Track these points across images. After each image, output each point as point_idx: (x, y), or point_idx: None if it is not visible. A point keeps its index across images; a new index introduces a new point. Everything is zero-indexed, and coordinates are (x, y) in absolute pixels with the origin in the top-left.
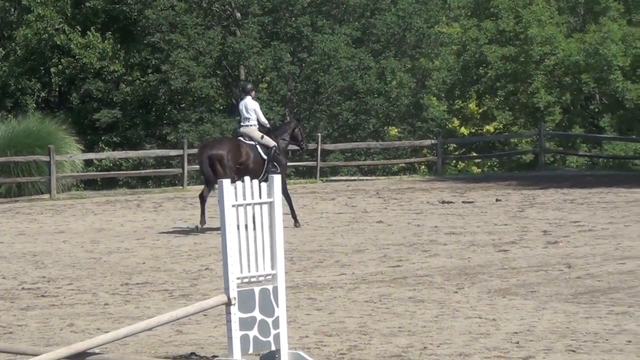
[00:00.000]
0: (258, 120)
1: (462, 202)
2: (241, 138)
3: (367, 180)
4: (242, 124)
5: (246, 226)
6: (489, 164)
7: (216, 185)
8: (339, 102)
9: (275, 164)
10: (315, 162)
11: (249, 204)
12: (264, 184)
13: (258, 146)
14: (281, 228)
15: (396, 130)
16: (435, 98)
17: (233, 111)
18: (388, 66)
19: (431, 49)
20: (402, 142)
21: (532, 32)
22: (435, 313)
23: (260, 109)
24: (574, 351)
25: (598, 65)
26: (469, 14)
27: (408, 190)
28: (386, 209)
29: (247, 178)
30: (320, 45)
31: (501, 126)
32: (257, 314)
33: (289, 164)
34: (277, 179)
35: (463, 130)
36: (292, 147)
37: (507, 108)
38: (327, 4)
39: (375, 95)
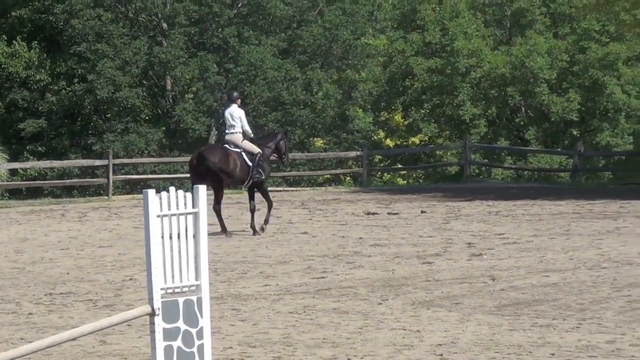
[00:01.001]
0: (242, 128)
1: (387, 213)
2: (227, 146)
3: (292, 191)
4: (227, 131)
5: (170, 236)
6: (414, 175)
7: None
8: (265, 113)
9: (260, 170)
10: None
11: (174, 215)
12: (188, 194)
13: (243, 153)
14: (206, 239)
15: (322, 141)
16: (361, 110)
17: (159, 121)
18: (314, 77)
19: (357, 61)
20: (327, 154)
21: (459, 45)
22: (359, 324)
23: (245, 117)
24: None
25: (524, 78)
26: (395, 26)
27: (333, 202)
28: (311, 220)
29: (172, 188)
30: (247, 56)
31: (427, 138)
32: (181, 324)
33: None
34: (201, 189)
35: (389, 142)
36: (273, 157)
37: (433, 120)
38: (253, 15)
39: (301, 107)
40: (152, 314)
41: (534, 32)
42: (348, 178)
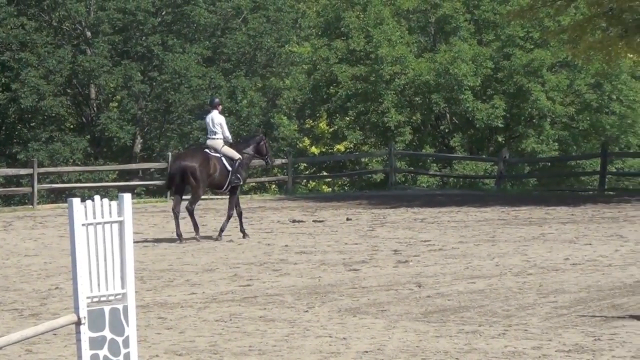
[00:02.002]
0: (223, 134)
1: (313, 221)
2: (207, 150)
3: (217, 199)
4: (208, 136)
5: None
6: (339, 183)
7: (184, 197)
8: (189, 120)
9: (238, 175)
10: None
11: (99, 223)
12: (114, 203)
13: (223, 158)
14: (131, 247)
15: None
16: (285, 117)
17: (84, 130)
18: (239, 85)
19: (282, 68)
20: (252, 161)
21: (383, 52)
22: (285, 332)
23: (227, 123)
24: None
25: (448, 85)
26: (319, 33)
27: (259, 209)
28: (237, 228)
29: (97, 197)
30: (171, 64)
31: (352, 145)
32: (107, 333)
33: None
34: (127, 197)
35: (314, 149)
36: (259, 160)
37: (358, 127)
38: (177, 23)
39: (226, 115)
40: (78, 323)
41: (458, 39)
42: (273, 186)
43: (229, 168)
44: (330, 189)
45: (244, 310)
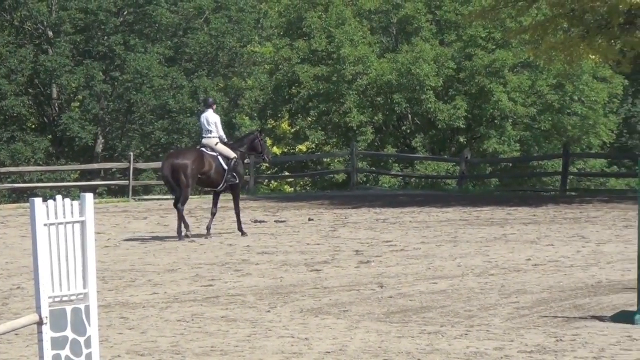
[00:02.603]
0: (218, 133)
1: (275, 221)
2: (203, 149)
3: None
4: (203, 135)
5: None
6: (301, 183)
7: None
8: (151, 121)
9: (235, 174)
10: (127, 181)
11: (61, 223)
12: (75, 203)
13: (220, 157)
14: (93, 247)
15: None
16: (247, 117)
17: (45, 130)
18: (201, 85)
19: (244, 69)
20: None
21: (345, 52)
22: (248, 332)
23: (220, 122)
24: None
25: (410, 85)
26: (281, 33)
27: (221, 210)
28: (199, 228)
29: (58, 197)
30: (133, 64)
31: (314, 146)
32: (69, 333)
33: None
34: (88, 197)
35: (276, 149)
36: (257, 158)
37: (320, 128)
38: (139, 23)
39: (188, 115)
40: (40, 323)
41: (421, 39)
42: None
43: (225, 167)
44: (293, 190)
45: (206, 311)
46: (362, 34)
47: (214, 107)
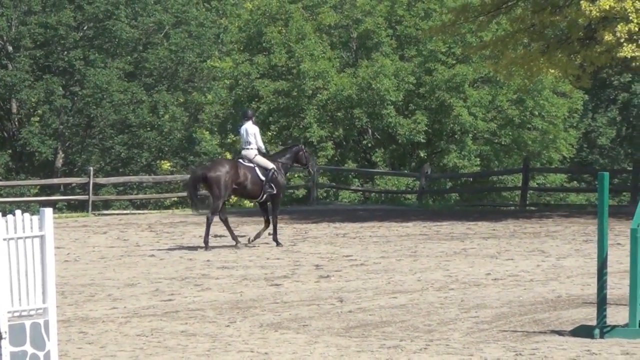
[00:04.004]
0: (257, 144)
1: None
2: (241, 160)
3: (139, 214)
4: (243, 147)
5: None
6: None
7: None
8: (111, 135)
9: (273, 185)
10: (87, 196)
11: (20, 238)
12: (35, 217)
13: (257, 168)
14: (53, 261)
15: (169, 164)
16: (207, 132)
17: (5, 144)
18: (161, 100)
19: (204, 83)
20: (174, 176)
21: (305, 67)
22: (207, 347)
23: (259, 133)
24: None
25: (371, 100)
26: (241, 48)
27: (180, 224)
28: (158, 242)
29: (18, 211)
30: (93, 79)
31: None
32: (28, 347)
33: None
34: (48, 212)
35: None
36: (300, 169)
37: (280, 142)
38: (99, 38)
39: (148, 129)
40: None
41: (381, 54)
42: None
43: (262, 178)
44: (253, 204)
45: (166, 325)
46: (322, 49)
47: (253, 118)
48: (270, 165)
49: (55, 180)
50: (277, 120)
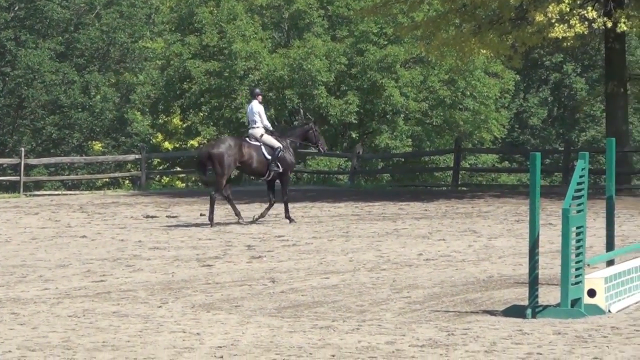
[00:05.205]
0: (262, 123)
1: (167, 216)
2: (247, 139)
3: (71, 195)
4: (250, 126)
5: None
6: (193, 178)
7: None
8: (42, 116)
9: (279, 164)
10: (18, 177)
11: None
12: None
13: (263, 147)
14: None
15: (100, 145)
16: (139, 113)
17: None
18: (92, 80)
19: (135, 64)
20: (106, 157)
21: (236, 48)
22: (139, 328)
23: (264, 112)
24: None
25: (302, 80)
26: (172, 29)
27: (112, 205)
28: (90, 223)
29: None
30: (24, 60)
31: (205, 141)
32: None
33: None
34: None
35: (167, 145)
36: (312, 148)
37: (212, 123)
38: (30, 19)
39: (80, 110)
40: None
41: (312, 34)
42: (127, 181)
43: (268, 157)
44: (184, 185)
45: (98, 306)
46: (254, 29)
47: (259, 97)
48: (276, 144)
49: None
50: (209, 101)
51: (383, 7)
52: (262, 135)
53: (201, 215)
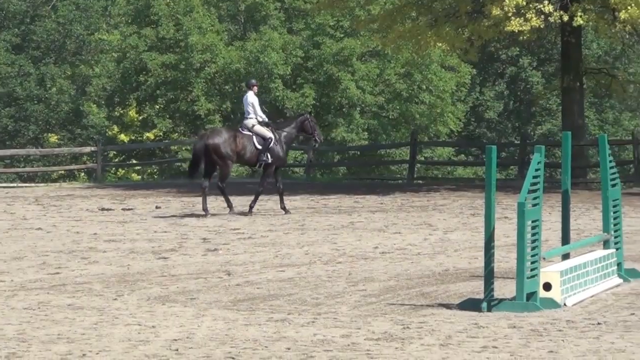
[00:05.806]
0: (255, 114)
1: (122, 209)
2: (240, 129)
3: (26, 187)
4: (245, 116)
5: None
6: (149, 171)
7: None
8: None
9: (268, 154)
10: None
11: None
12: None
13: (254, 137)
14: None
15: (56, 137)
16: (95, 105)
17: None
18: (48, 73)
19: (91, 56)
20: (61, 149)
21: (193, 40)
22: (94, 320)
23: (258, 103)
24: (233, 358)
25: (258, 73)
26: (129, 21)
27: (68, 197)
28: (45, 216)
29: None
30: None
31: (161, 133)
32: None
33: None
34: None
35: (123, 137)
36: (308, 138)
37: (168, 115)
38: None
39: (35, 102)
40: None
41: (269, 27)
42: (82, 174)
43: (259, 147)
44: (140, 177)
45: (53, 299)
46: (210, 22)
47: (255, 88)
48: (268, 134)
49: None
50: (165, 94)
51: (340, 0)
52: (253, 125)
53: (157, 207)
